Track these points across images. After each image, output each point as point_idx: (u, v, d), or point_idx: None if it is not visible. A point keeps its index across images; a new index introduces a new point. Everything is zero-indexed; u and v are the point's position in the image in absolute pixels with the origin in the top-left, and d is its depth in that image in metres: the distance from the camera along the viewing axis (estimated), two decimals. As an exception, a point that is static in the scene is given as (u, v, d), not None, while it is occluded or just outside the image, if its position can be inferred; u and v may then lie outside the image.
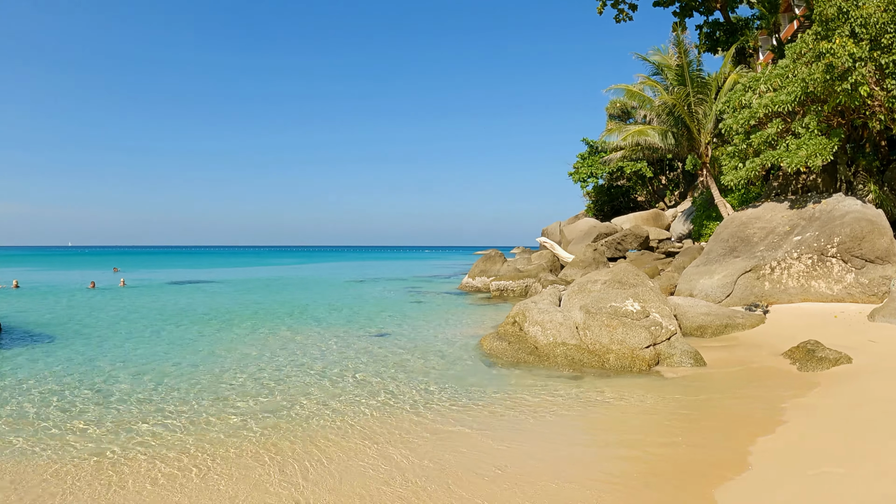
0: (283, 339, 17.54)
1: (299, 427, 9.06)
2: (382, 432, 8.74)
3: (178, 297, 31.52)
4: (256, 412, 9.87)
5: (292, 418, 9.49)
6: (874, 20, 18.71)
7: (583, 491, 6.61)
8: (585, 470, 7.28)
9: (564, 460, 7.64)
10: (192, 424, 9.27)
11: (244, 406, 10.32)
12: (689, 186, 53.27)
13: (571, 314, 14.25)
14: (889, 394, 9.33)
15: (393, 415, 9.66)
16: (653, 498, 6.38)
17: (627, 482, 6.82)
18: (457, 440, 8.35)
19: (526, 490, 6.68)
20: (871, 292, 18.07)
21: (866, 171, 23.73)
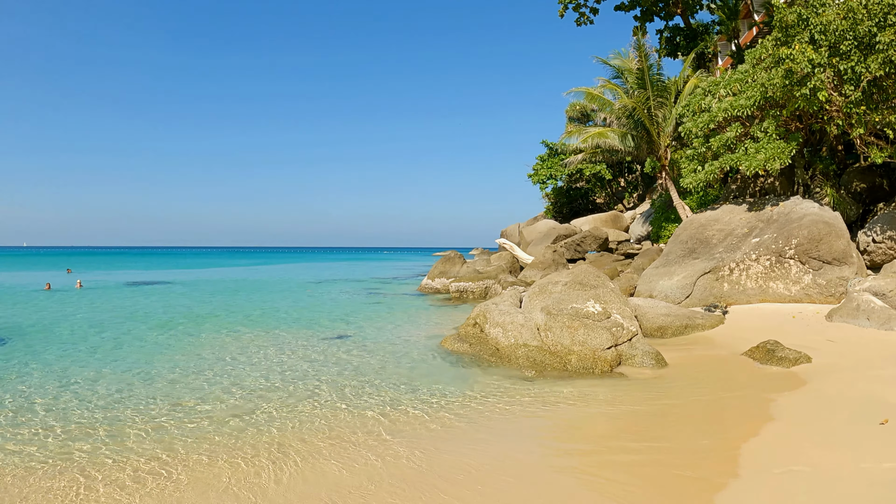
0: (241, 341, 17.26)
1: (261, 432, 8.85)
2: (344, 436, 8.59)
3: (134, 298, 31.03)
4: (216, 417, 9.63)
5: (252, 423, 9.26)
6: (833, 27, 18.96)
7: (539, 491, 6.57)
8: (541, 472, 7.25)
9: (524, 464, 7.60)
10: (154, 430, 9.03)
11: (203, 411, 10.09)
12: (647, 189, 53.62)
13: (533, 316, 14.22)
14: (848, 392, 9.44)
15: (354, 418, 9.47)
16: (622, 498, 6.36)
17: (593, 484, 6.79)
18: (418, 443, 8.25)
19: (487, 491, 6.62)
20: (828, 293, 18.31)
21: (823, 175, 24.03)
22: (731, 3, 39.56)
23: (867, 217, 23.30)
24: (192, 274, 57.62)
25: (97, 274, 56.15)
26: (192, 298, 31.11)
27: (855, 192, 23.85)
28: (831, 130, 20.65)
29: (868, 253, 20.39)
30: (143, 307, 26.48)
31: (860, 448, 7.05)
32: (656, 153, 33.44)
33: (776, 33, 21.88)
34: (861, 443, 7.22)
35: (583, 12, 37.74)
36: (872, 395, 9.13)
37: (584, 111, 54.30)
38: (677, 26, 39.87)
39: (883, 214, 20.78)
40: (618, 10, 37.82)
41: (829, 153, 24.98)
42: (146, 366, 13.87)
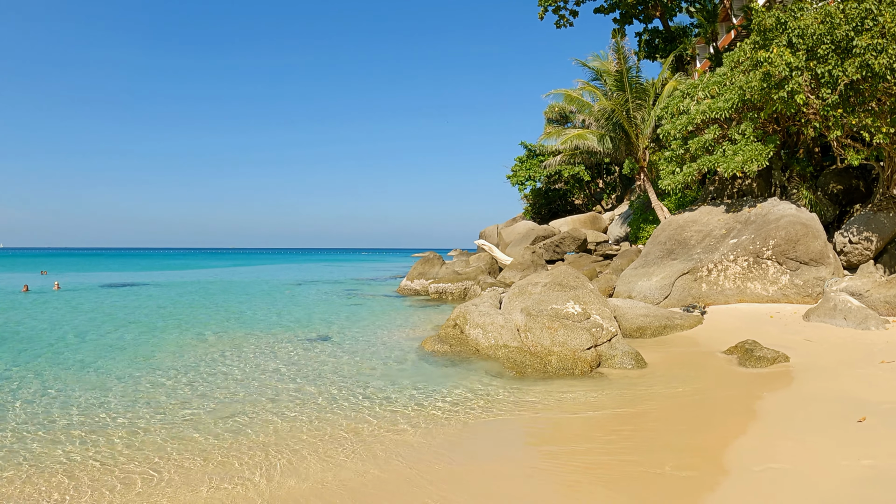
0: (221, 344, 17.14)
1: (241, 434, 8.80)
2: (325, 438, 8.57)
3: (113, 300, 30.72)
4: (196, 420, 9.56)
5: (232, 427, 9.18)
6: (811, 31, 19.12)
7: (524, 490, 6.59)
8: (522, 472, 7.28)
9: (505, 464, 7.62)
10: (131, 435, 8.95)
11: (183, 414, 10.02)
12: (626, 190, 53.82)
13: (512, 316, 14.26)
14: (825, 391, 9.53)
15: (334, 420, 9.42)
16: (599, 497, 6.39)
17: (572, 484, 6.82)
18: (400, 445, 8.24)
19: (472, 491, 6.64)
20: (805, 293, 18.48)
21: (800, 177, 24.23)
22: (709, 6, 39.77)
23: (844, 218, 23.50)
24: (171, 275, 57.23)
25: (74, 276, 55.59)
26: (172, 300, 30.90)
27: (831, 193, 24.06)
28: (808, 133, 20.81)
29: (844, 253, 20.57)
30: (122, 309, 26.24)
31: (839, 445, 7.11)
32: (635, 155, 33.57)
33: (754, 37, 22.04)
34: (840, 440, 7.29)
35: (562, 14, 37.79)
36: (850, 393, 9.23)
37: (562, 113, 54.44)
38: (656, 29, 40.06)
39: (859, 215, 20.97)
40: (597, 13, 37.92)
41: (806, 155, 25.18)
42: (127, 368, 13.74)
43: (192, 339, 18.01)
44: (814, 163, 25.10)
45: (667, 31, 39.63)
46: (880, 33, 17.79)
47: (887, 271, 19.88)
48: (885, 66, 17.48)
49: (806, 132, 20.92)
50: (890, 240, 20.36)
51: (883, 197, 20.95)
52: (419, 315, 23.82)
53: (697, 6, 39.69)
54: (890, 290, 15.89)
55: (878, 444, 7.04)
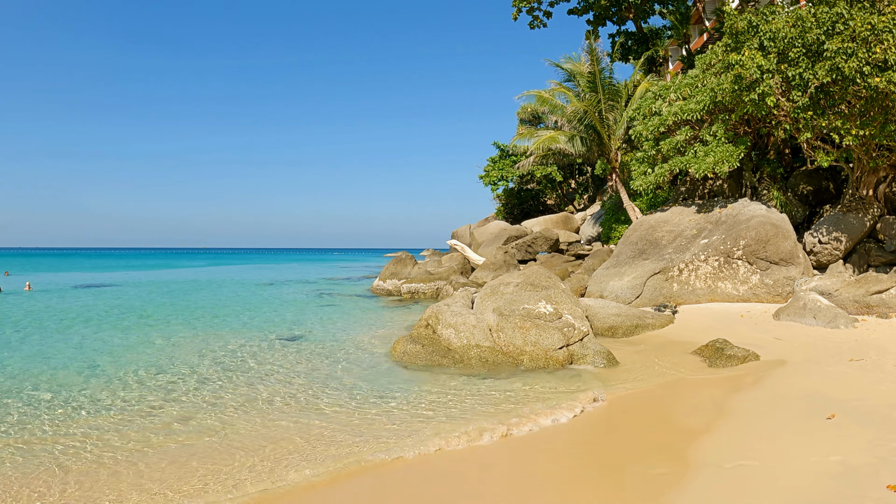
0: (192, 344, 16.91)
1: (208, 437, 8.67)
2: (298, 441, 8.51)
3: (87, 301, 30.20)
4: (165, 422, 9.39)
5: (200, 429, 9.05)
6: (782, 35, 19.27)
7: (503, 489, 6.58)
8: (491, 469, 7.27)
9: (476, 461, 7.61)
10: (98, 441, 8.82)
11: (152, 418, 9.91)
12: (598, 190, 54.05)
13: (485, 316, 14.23)
14: (795, 389, 9.60)
15: (307, 421, 9.32)
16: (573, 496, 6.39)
17: (541, 482, 6.82)
18: (375, 445, 8.20)
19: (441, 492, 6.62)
20: (775, 292, 18.63)
21: (770, 178, 24.42)
22: (682, 9, 40.03)
23: (813, 219, 23.70)
24: (143, 275, 56.70)
25: (44, 276, 54.68)
26: (145, 300, 30.55)
27: (801, 194, 24.26)
28: (779, 135, 20.97)
29: (814, 253, 20.75)
30: (96, 310, 25.81)
31: (809, 442, 7.16)
32: (607, 155, 33.77)
33: (726, 39, 22.19)
34: (810, 437, 7.34)
35: (536, 16, 37.89)
36: (819, 391, 9.30)
37: (535, 114, 54.51)
38: (629, 31, 40.28)
39: (828, 216, 21.17)
40: (571, 15, 38.08)
41: (777, 157, 25.39)
42: (102, 368, 13.56)
43: (165, 338, 17.79)
44: (784, 164, 25.31)
45: (640, 33, 39.87)
46: (851, 37, 17.95)
47: (856, 271, 20.09)
48: (854, 70, 17.64)
49: (776, 134, 21.09)
50: (859, 240, 20.58)
51: (852, 198, 21.16)
52: (391, 315, 23.75)
53: (670, 9, 39.93)
54: (859, 289, 16.06)
55: (846, 440, 7.10)
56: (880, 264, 20.20)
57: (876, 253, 20.27)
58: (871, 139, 18.98)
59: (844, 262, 20.43)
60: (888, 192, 21.66)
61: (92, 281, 47.21)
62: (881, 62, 17.38)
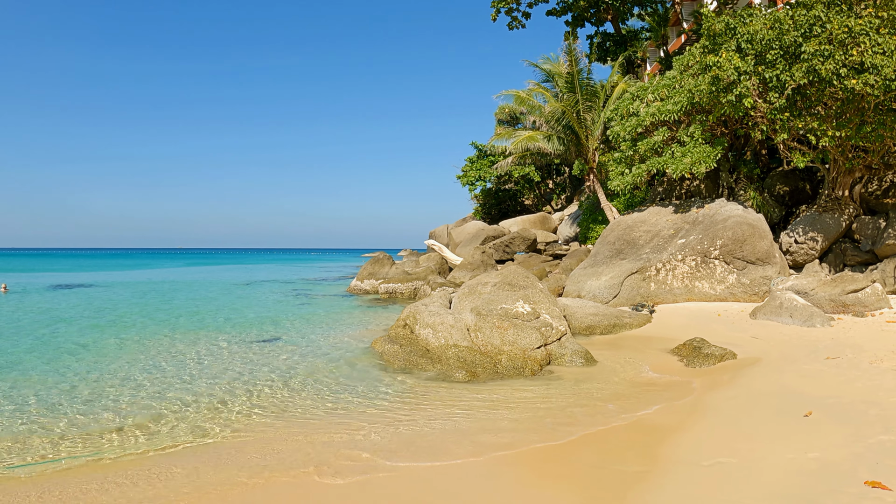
0: (168, 345, 16.68)
1: (182, 442, 8.55)
2: (276, 442, 8.44)
3: (66, 302, 29.75)
4: (138, 425, 9.24)
5: (173, 433, 8.89)
6: (760, 37, 19.40)
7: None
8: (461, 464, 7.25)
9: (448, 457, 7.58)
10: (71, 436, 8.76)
11: (125, 421, 9.79)
12: (575, 191, 54.16)
13: (462, 316, 14.19)
14: (772, 387, 9.64)
15: (282, 424, 9.24)
16: (553, 498, 6.37)
17: (514, 479, 6.81)
18: (352, 446, 8.16)
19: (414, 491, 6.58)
20: (752, 292, 18.74)
21: (747, 178, 24.56)
22: (660, 10, 40.25)
23: (790, 219, 23.87)
24: (122, 276, 56.13)
25: (18, 277, 54.11)
26: (123, 301, 30.22)
27: (778, 194, 24.41)
28: (756, 136, 21.10)
29: (790, 253, 20.89)
30: (74, 311, 25.44)
31: (786, 439, 7.18)
32: (585, 156, 33.86)
33: (704, 41, 22.32)
34: (787, 434, 7.36)
35: (515, 16, 37.93)
36: (796, 388, 9.34)
37: (513, 114, 54.55)
38: (607, 32, 40.42)
39: (805, 216, 21.32)
40: (549, 16, 38.14)
41: (753, 157, 25.54)
42: (65, 370, 13.41)
43: (140, 339, 17.60)
44: (761, 165, 25.46)
45: (618, 35, 40.01)
46: (828, 40, 18.09)
47: (832, 270, 20.25)
48: (831, 72, 17.78)
49: (753, 135, 21.22)
50: (834, 240, 20.74)
51: (828, 198, 21.31)
52: (369, 315, 23.67)
53: (649, 10, 40.17)
54: (834, 288, 16.16)
55: (823, 437, 7.12)
56: (856, 264, 20.37)
57: (851, 252, 20.43)
58: (847, 140, 19.13)
59: (820, 262, 20.59)
60: (863, 193, 21.83)
61: (68, 281, 46.71)
62: (858, 64, 17.52)
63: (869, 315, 15.36)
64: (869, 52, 17.29)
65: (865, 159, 20.26)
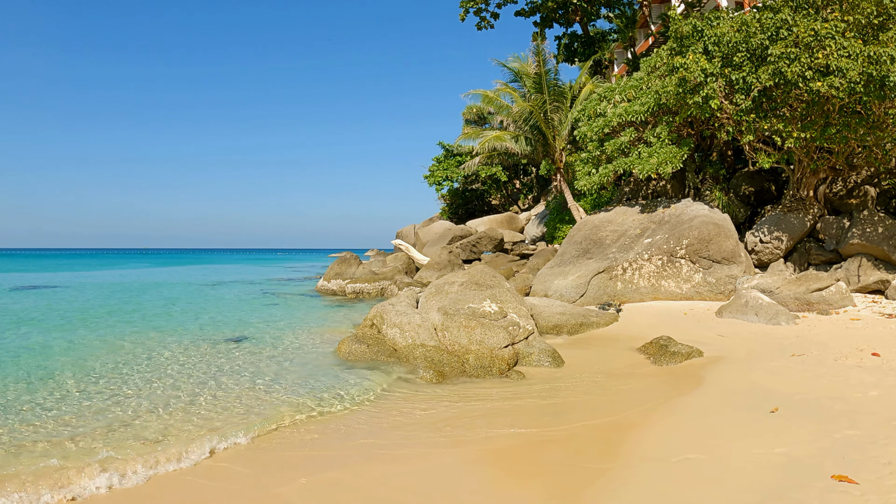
0: (132, 346, 16.28)
1: (142, 445, 8.32)
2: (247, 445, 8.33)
3: (23, 303, 29.15)
4: (98, 429, 8.92)
5: (136, 436, 8.62)
6: (727, 39, 19.58)
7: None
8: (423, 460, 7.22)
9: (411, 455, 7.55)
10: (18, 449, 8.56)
11: (84, 421, 9.61)
12: (542, 191, 54.28)
13: (430, 316, 14.14)
14: (739, 384, 9.68)
15: (251, 426, 9.11)
16: (521, 495, 6.34)
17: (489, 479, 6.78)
18: (321, 448, 8.09)
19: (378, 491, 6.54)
20: (718, 290, 18.89)
21: (713, 179, 24.76)
22: (628, 12, 40.49)
23: (755, 219, 24.11)
24: (87, 276, 55.17)
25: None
26: (85, 301, 29.60)
27: (743, 195, 24.63)
28: (722, 137, 21.28)
29: (756, 252, 21.07)
30: (32, 311, 25.01)
31: (754, 435, 7.20)
32: (552, 156, 33.97)
33: (671, 43, 22.50)
34: (754, 430, 7.38)
35: (483, 16, 38.03)
36: (762, 385, 9.38)
37: (480, 114, 54.60)
38: (576, 33, 40.59)
39: (770, 216, 21.53)
40: (518, 16, 38.25)
41: (719, 158, 25.76)
42: (21, 372, 13.14)
43: (102, 340, 17.21)
44: (726, 165, 25.68)
45: (586, 36, 40.20)
46: (794, 43, 18.26)
47: (797, 269, 20.44)
48: (797, 74, 17.94)
49: (720, 136, 21.39)
50: (799, 239, 20.96)
51: (793, 199, 21.52)
52: (336, 315, 23.54)
53: (617, 12, 40.42)
54: (799, 287, 16.31)
55: (790, 432, 7.16)
56: (820, 263, 20.58)
57: (816, 252, 20.64)
58: (812, 142, 19.32)
59: (785, 261, 20.78)
60: (828, 194, 22.08)
61: (28, 282, 45.88)
62: (823, 67, 17.69)
63: (833, 313, 15.53)
64: (834, 55, 17.47)
65: (830, 160, 20.48)
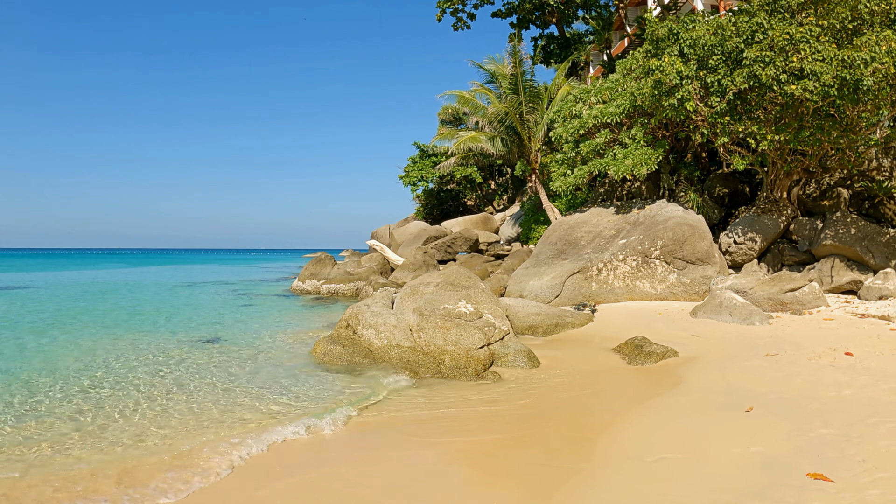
0: (104, 347, 15.95)
1: (114, 450, 8.10)
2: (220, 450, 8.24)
3: None
4: (68, 433, 8.76)
5: (107, 441, 8.44)
6: (702, 42, 19.73)
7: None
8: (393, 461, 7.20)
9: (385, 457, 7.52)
10: None
11: (52, 425, 9.48)
12: (517, 191, 54.43)
13: (405, 316, 14.09)
14: (714, 384, 9.73)
15: (223, 429, 8.91)
16: (496, 495, 6.32)
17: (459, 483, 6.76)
18: (297, 451, 8.04)
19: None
20: (692, 291, 18.98)
21: (688, 180, 24.90)
22: (605, 15, 40.63)
23: (729, 220, 24.29)
24: (57, 276, 54.49)
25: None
26: (55, 302, 29.22)
27: (717, 196, 24.79)
28: (696, 139, 21.41)
29: (730, 253, 21.22)
30: (6, 312, 24.76)
31: (729, 434, 7.22)
32: (527, 157, 34.06)
33: (647, 45, 22.61)
34: (730, 430, 7.40)
35: (460, 17, 38.08)
36: (737, 384, 9.43)
37: (456, 114, 54.61)
38: (552, 35, 40.71)
39: (743, 217, 21.70)
40: (495, 17, 38.33)
41: (694, 160, 25.91)
42: None
43: (72, 343, 16.80)
44: (701, 167, 25.83)
45: (562, 38, 40.33)
46: (769, 46, 18.40)
47: (770, 270, 20.60)
48: (771, 77, 18.08)
49: (694, 138, 21.53)
50: (773, 240, 21.13)
51: (766, 200, 21.69)
52: (311, 316, 23.43)
53: (593, 14, 40.54)
54: (773, 287, 16.43)
55: (765, 431, 7.20)
56: (793, 263, 20.75)
57: (789, 252, 20.81)
58: (786, 144, 19.48)
59: (759, 262, 20.94)
60: (801, 195, 22.27)
61: (3, 283, 45.42)
62: (797, 70, 17.83)
63: (807, 313, 15.65)
64: (809, 59, 17.61)
65: (803, 163, 20.65)
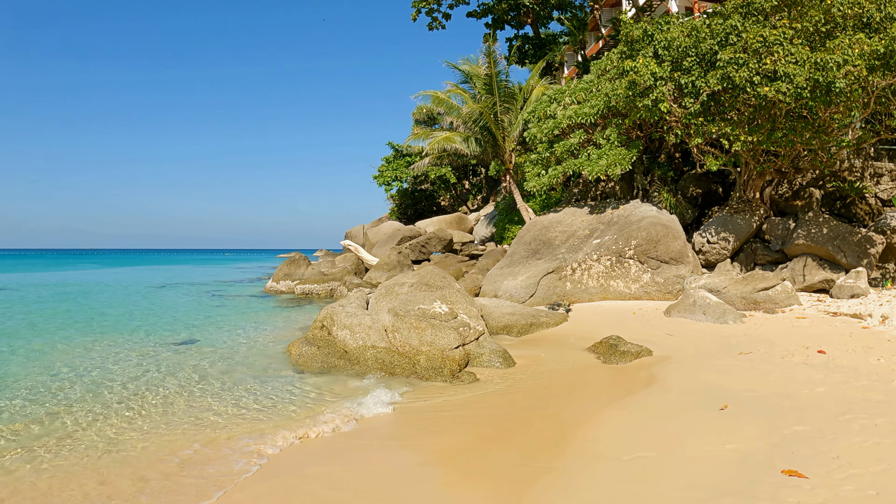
0: (74, 350, 15.70)
1: (87, 457, 8.00)
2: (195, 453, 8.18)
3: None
4: (37, 438, 8.69)
5: (77, 447, 8.33)
6: (677, 44, 19.84)
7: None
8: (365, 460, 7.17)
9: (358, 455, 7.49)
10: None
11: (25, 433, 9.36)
12: (491, 191, 54.49)
13: (380, 317, 14.05)
14: (688, 382, 9.78)
15: (196, 432, 8.83)
16: (469, 495, 6.31)
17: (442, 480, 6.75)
18: (272, 457, 7.99)
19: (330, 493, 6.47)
20: (666, 290, 19.08)
21: (661, 180, 25.03)
22: (580, 16, 40.77)
23: (702, 220, 24.45)
24: (28, 277, 54.06)
25: None
26: (23, 304, 28.96)
27: (691, 196, 24.94)
28: (670, 139, 21.55)
29: (703, 253, 21.36)
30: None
31: (705, 432, 7.27)
32: (501, 157, 34.07)
33: (622, 47, 22.73)
34: (705, 428, 7.45)
35: (435, 17, 38.14)
36: (711, 383, 9.49)
37: (430, 114, 54.59)
38: (527, 35, 40.87)
39: (717, 217, 21.84)
40: (470, 17, 38.40)
41: (668, 160, 26.05)
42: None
43: (42, 345, 16.59)
44: (674, 167, 25.99)
45: (537, 38, 40.49)
46: (743, 48, 18.55)
47: (743, 269, 20.77)
48: (745, 79, 18.23)
49: (668, 138, 21.67)
50: (746, 240, 21.29)
51: (739, 200, 21.85)
52: (286, 316, 23.31)
53: (568, 15, 40.68)
54: (746, 286, 16.55)
55: (739, 429, 7.25)
56: (766, 262, 20.93)
57: (762, 252, 20.98)
58: (759, 145, 19.64)
59: (732, 261, 21.10)
60: (774, 195, 22.47)
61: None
62: (771, 72, 17.99)
63: (779, 312, 15.80)
64: (782, 61, 17.75)
65: (776, 163, 20.82)
